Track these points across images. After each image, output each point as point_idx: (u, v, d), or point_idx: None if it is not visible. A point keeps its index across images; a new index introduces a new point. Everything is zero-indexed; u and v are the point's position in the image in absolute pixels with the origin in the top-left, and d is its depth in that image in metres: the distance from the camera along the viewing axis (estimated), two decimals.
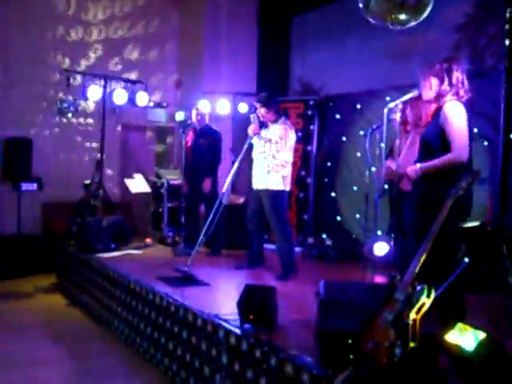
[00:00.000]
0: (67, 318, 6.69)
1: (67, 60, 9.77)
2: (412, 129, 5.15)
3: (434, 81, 3.85)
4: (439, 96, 3.84)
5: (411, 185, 4.00)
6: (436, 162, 3.75)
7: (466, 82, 3.85)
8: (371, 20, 3.97)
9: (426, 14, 3.87)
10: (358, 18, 4.54)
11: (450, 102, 3.77)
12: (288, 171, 6.24)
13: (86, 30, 10.00)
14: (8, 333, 5.89)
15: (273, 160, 6.10)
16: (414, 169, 3.87)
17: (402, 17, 3.82)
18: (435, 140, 3.78)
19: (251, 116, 6.27)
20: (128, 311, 5.74)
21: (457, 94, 3.81)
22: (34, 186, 8.94)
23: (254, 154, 6.35)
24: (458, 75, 3.82)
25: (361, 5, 3.88)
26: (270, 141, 6.11)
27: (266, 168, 6.16)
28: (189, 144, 7.73)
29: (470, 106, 3.84)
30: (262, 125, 6.29)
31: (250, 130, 6.20)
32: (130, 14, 10.45)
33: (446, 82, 3.81)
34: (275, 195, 6.16)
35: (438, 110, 3.84)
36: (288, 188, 6.26)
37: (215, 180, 7.59)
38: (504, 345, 3.01)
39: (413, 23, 3.92)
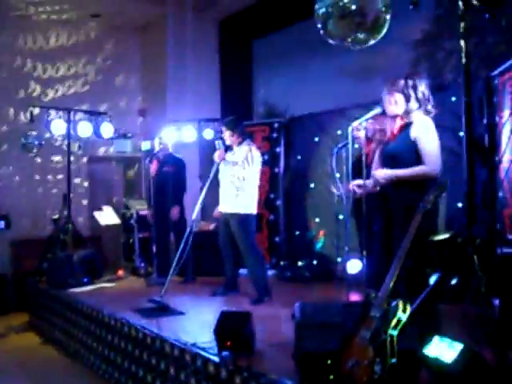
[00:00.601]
0: (42, 356, 6.57)
1: (30, 93, 9.70)
2: (377, 145, 5.19)
3: (400, 96, 3.92)
4: (407, 112, 3.92)
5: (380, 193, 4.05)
6: (409, 171, 3.83)
7: (431, 98, 3.94)
8: (330, 41, 4.03)
9: (383, 33, 3.94)
10: (318, 38, 4.59)
11: (421, 118, 3.86)
12: (255, 194, 6.25)
13: (48, 61, 9.95)
14: None
15: (242, 182, 6.11)
16: (385, 172, 3.94)
17: (361, 36, 3.88)
18: (407, 154, 3.86)
19: (216, 142, 6.29)
20: (104, 345, 5.65)
21: (425, 109, 3.90)
22: (2, 224, 8.82)
23: (221, 177, 6.34)
24: (423, 90, 3.91)
25: (319, 26, 3.93)
26: (236, 163, 6.12)
27: (234, 191, 6.16)
28: (153, 173, 7.70)
29: (434, 120, 3.92)
30: (228, 149, 6.30)
31: (216, 156, 6.20)
32: (93, 43, 10.45)
33: (413, 98, 3.89)
34: (244, 219, 6.15)
35: (407, 125, 3.91)
36: (255, 211, 6.27)
37: (182, 208, 7.57)
38: (482, 354, 3.02)
39: (371, 42, 3.98)
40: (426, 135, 3.84)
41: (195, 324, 5.25)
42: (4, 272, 8.97)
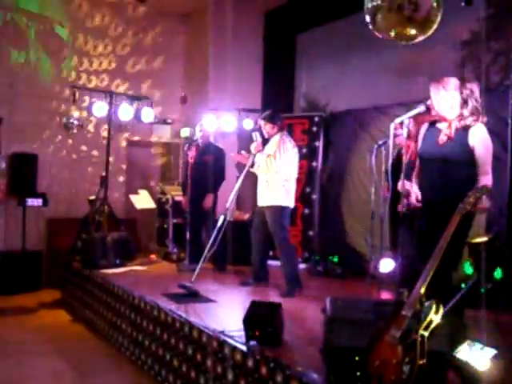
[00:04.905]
0: (71, 334, 6.65)
1: (73, 75, 9.79)
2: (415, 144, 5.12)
3: (456, 95, 3.85)
4: (462, 116, 3.85)
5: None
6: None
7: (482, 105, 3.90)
8: (378, 34, 3.97)
9: (433, 29, 3.87)
10: (362, 34, 4.54)
11: (479, 125, 3.84)
12: (291, 187, 6.23)
13: (92, 44, 10.03)
14: (11, 349, 5.86)
15: (275, 174, 6.10)
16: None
17: (410, 32, 3.82)
18: (462, 159, 3.84)
19: (253, 134, 6.30)
20: (132, 327, 5.70)
21: (481, 116, 3.85)
22: (39, 202, 8.94)
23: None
24: (477, 96, 3.86)
25: (368, 19, 3.87)
26: (269, 155, 6.12)
27: (268, 184, 6.17)
28: (191, 160, 7.71)
29: None
30: (266, 141, 6.31)
31: (253, 147, 6.22)
32: (137, 29, 10.49)
33: (470, 103, 3.83)
34: (278, 211, 6.15)
35: (464, 128, 3.84)
36: (292, 204, 6.25)
37: (215, 196, 7.58)
38: None
39: (420, 38, 3.92)
40: (486, 145, 3.84)
41: (224, 312, 5.26)
42: (39, 249, 9.09)
